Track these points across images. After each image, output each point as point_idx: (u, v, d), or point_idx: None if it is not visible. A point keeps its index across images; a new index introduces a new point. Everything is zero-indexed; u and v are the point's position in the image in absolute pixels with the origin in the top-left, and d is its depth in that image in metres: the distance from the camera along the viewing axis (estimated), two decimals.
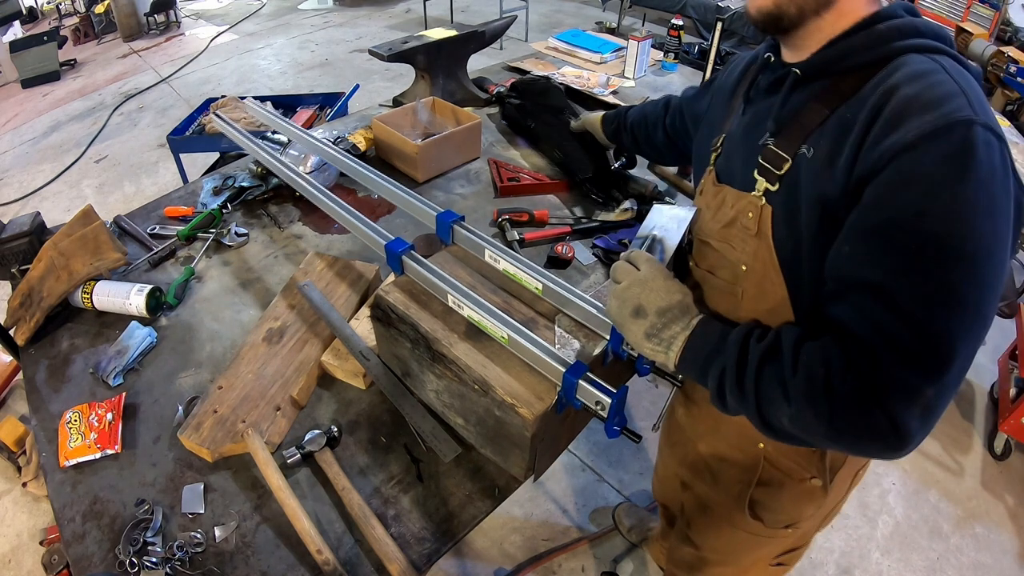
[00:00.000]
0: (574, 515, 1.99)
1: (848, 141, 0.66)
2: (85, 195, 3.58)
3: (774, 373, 0.67)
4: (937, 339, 0.59)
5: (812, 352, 0.65)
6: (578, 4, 6.73)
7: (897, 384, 0.60)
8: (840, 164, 0.66)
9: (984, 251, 0.59)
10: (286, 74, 5.09)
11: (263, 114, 1.67)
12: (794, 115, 0.73)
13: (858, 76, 0.69)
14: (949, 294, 0.59)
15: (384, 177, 1.20)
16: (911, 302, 0.60)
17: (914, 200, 0.60)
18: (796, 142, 0.72)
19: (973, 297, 0.60)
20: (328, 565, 0.83)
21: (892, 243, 0.61)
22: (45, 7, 6.74)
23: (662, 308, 0.75)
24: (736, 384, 0.69)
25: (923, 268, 0.60)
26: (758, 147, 0.76)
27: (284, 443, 1.01)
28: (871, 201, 0.63)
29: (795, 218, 0.72)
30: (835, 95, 0.70)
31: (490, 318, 0.87)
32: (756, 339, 0.70)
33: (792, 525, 1.01)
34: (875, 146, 0.62)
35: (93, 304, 1.22)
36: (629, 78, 2.27)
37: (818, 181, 0.68)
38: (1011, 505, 2.07)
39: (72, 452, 0.97)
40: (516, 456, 0.90)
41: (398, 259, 0.99)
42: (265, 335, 1.14)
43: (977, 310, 0.60)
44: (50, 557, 1.75)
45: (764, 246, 0.76)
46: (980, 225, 0.59)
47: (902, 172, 0.60)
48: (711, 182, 0.87)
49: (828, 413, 0.63)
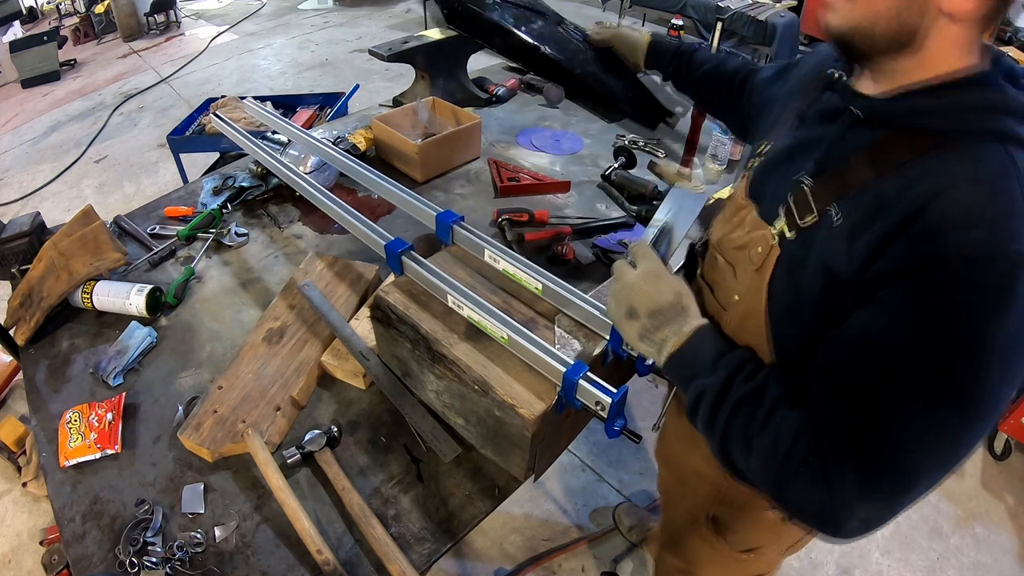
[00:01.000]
0: (574, 515, 1.99)
1: (877, 225, 0.58)
2: (85, 195, 3.58)
3: (746, 420, 0.65)
4: (904, 468, 0.57)
5: (786, 420, 0.62)
6: (578, 4, 6.72)
7: (851, 491, 0.58)
8: (861, 245, 0.60)
9: (984, 398, 0.55)
10: (286, 74, 5.09)
11: (263, 114, 1.67)
12: (840, 162, 0.66)
13: (921, 142, 0.60)
14: (933, 430, 0.56)
15: (384, 177, 1.20)
16: (892, 424, 0.57)
17: (931, 326, 0.54)
18: (829, 198, 0.65)
19: (957, 437, 0.56)
20: (328, 565, 0.83)
21: (895, 360, 0.57)
22: (45, 7, 6.74)
23: (653, 310, 0.73)
24: (710, 412, 0.68)
25: (914, 395, 0.56)
26: (792, 182, 0.70)
27: (284, 443, 1.01)
28: (884, 307, 0.57)
29: (799, 274, 0.68)
30: (888, 156, 0.61)
31: (490, 318, 0.87)
32: (744, 378, 0.67)
33: (753, 550, 1.01)
34: (908, 247, 0.56)
35: (93, 304, 1.22)
36: None
37: (834, 252, 0.63)
38: (1011, 505, 2.07)
39: (72, 452, 0.97)
40: (516, 456, 0.90)
41: (398, 259, 0.99)
42: (265, 335, 1.14)
43: (954, 450, 0.57)
44: (50, 557, 1.75)
45: (759, 286, 0.73)
46: (991, 374, 0.54)
47: (928, 290, 0.54)
48: (743, 191, 0.82)
49: (780, 482, 0.62)
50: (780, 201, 0.71)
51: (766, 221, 0.73)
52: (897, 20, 0.59)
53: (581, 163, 1.78)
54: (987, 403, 0.55)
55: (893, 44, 0.61)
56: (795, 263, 0.68)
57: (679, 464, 1.09)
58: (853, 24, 0.62)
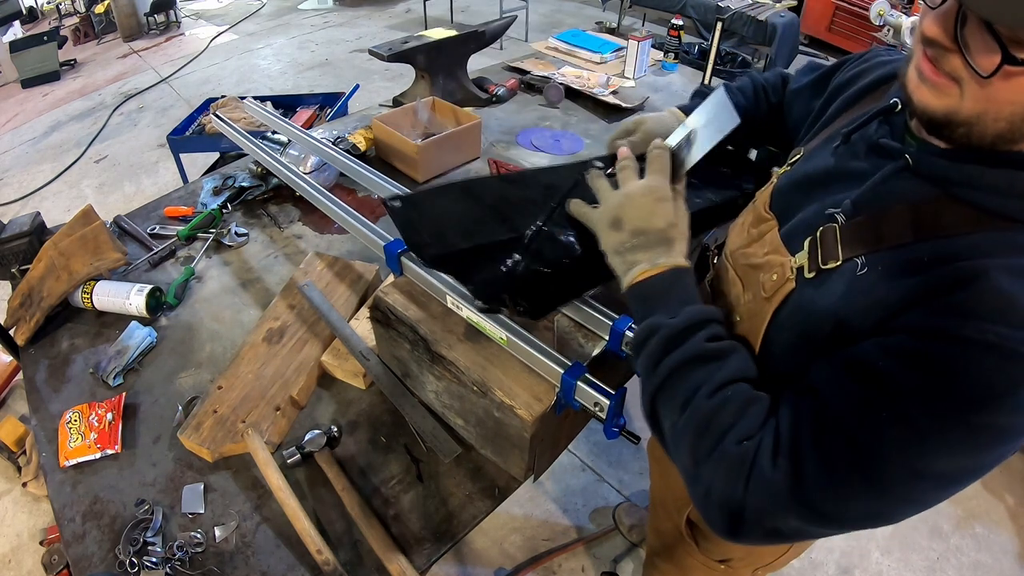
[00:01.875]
0: (574, 515, 1.99)
1: (903, 287, 0.55)
2: (85, 195, 3.58)
3: (693, 380, 0.61)
4: (837, 497, 0.54)
5: (737, 397, 0.60)
6: (578, 4, 6.73)
7: (770, 494, 0.55)
8: (880, 305, 0.56)
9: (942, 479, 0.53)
10: (286, 74, 5.09)
11: (263, 114, 1.67)
12: (878, 209, 0.60)
13: (971, 218, 0.54)
14: (882, 477, 0.53)
15: (383, 177, 1.20)
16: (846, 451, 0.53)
17: (927, 389, 0.51)
18: (859, 246, 0.60)
19: (898, 496, 0.53)
20: (328, 565, 0.83)
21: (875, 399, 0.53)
22: (45, 7, 6.74)
23: (638, 228, 0.69)
24: (658, 353, 0.64)
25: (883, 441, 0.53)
26: (824, 215, 0.64)
27: (284, 443, 1.01)
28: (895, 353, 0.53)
29: (807, 316, 0.64)
30: (933, 220, 0.56)
31: (488, 319, 0.87)
32: (706, 336, 0.63)
33: (724, 562, 1.00)
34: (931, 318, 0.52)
35: (93, 304, 1.22)
36: (629, 78, 2.27)
37: (850, 302, 0.59)
38: (1011, 505, 2.07)
39: (72, 452, 0.97)
40: (515, 456, 0.90)
41: (397, 260, 0.99)
42: (265, 335, 1.14)
43: (891, 510, 0.54)
44: (50, 557, 1.76)
45: (763, 314, 0.69)
46: (958, 460, 0.52)
47: (939, 359, 0.51)
48: (764, 203, 0.76)
49: (700, 457, 0.59)
50: (807, 232, 0.65)
51: (787, 247, 0.68)
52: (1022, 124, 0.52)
53: None
54: (941, 483, 0.53)
55: (1000, 143, 0.53)
56: (806, 304, 0.64)
57: (664, 458, 1.08)
58: (963, 117, 0.53)
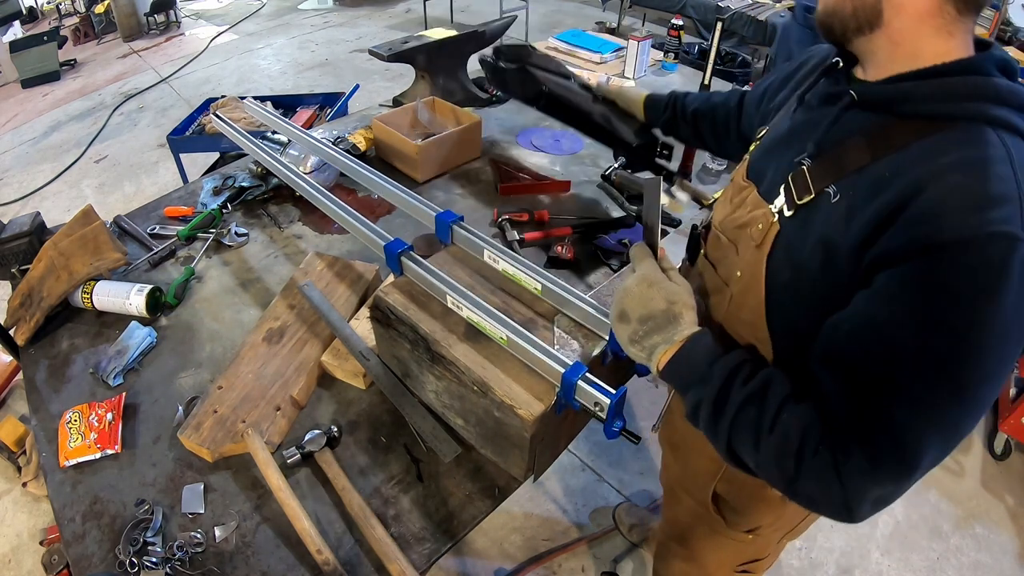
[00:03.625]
0: (574, 515, 1.99)
1: (873, 206, 0.60)
2: (85, 195, 3.58)
3: (751, 423, 0.66)
4: (910, 447, 0.58)
5: (793, 415, 0.64)
6: (578, 4, 6.73)
7: (862, 475, 0.60)
8: (858, 225, 0.62)
9: (983, 377, 0.57)
10: (286, 74, 5.09)
11: (263, 114, 1.67)
12: (837, 144, 0.68)
13: (916, 129, 0.61)
14: (935, 410, 0.58)
15: (384, 177, 1.20)
16: (895, 406, 0.59)
17: (927, 309, 0.56)
18: (828, 178, 0.67)
19: (957, 416, 0.58)
20: (328, 565, 0.83)
21: (893, 344, 0.58)
22: (45, 7, 6.74)
23: (643, 316, 0.73)
24: (712, 418, 0.69)
25: (917, 379, 0.57)
26: (792, 163, 0.72)
27: (284, 443, 1.01)
28: (883, 293, 0.59)
29: (799, 251, 0.69)
30: (884, 141, 0.63)
31: (489, 319, 0.87)
32: (743, 380, 0.68)
33: (752, 531, 1.01)
34: (904, 231, 0.57)
35: (93, 304, 1.22)
36: (629, 78, 2.27)
37: (832, 230, 0.65)
38: (1011, 505, 2.07)
39: (72, 452, 0.97)
40: (516, 456, 0.90)
41: (397, 260, 0.99)
42: (265, 335, 1.14)
43: (957, 427, 0.59)
44: (50, 557, 1.75)
45: (758, 261, 0.75)
46: (988, 353, 0.56)
47: (923, 274, 0.56)
48: (742, 175, 0.84)
49: (793, 474, 0.63)
50: (780, 181, 0.73)
51: (766, 200, 0.76)
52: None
53: (581, 163, 1.78)
54: (984, 383, 0.57)
55: (863, 24, 0.64)
56: (793, 240, 0.70)
57: (682, 444, 1.09)
58: (829, 9, 0.67)
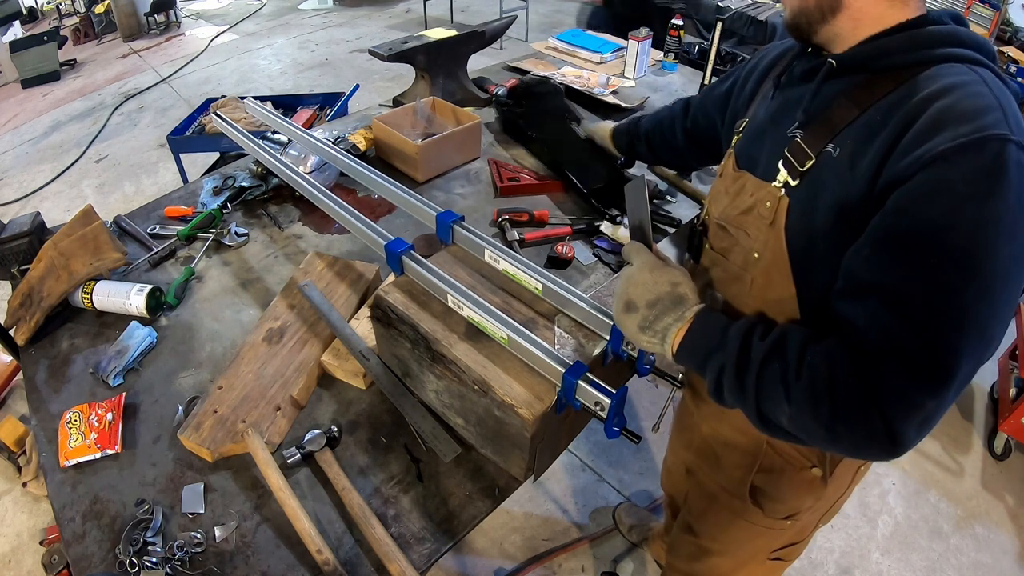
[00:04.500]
0: (574, 515, 1.99)
1: (874, 146, 0.65)
2: (85, 195, 3.58)
3: (777, 373, 0.66)
4: (943, 354, 0.59)
5: (817, 354, 0.64)
6: (578, 4, 6.73)
7: (900, 394, 0.60)
8: (863, 168, 0.65)
9: (1002, 273, 0.59)
10: (286, 74, 5.09)
11: (263, 114, 1.67)
12: (824, 109, 0.72)
13: (893, 78, 0.68)
14: (961, 311, 0.59)
15: (384, 177, 1.20)
16: (923, 313, 0.60)
17: (939, 213, 0.59)
18: (823, 139, 0.71)
19: (984, 316, 0.59)
20: (328, 565, 0.83)
21: (911, 253, 0.60)
22: (45, 7, 6.74)
23: (650, 300, 0.75)
24: (736, 381, 0.69)
25: (939, 281, 0.59)
26: (786, 137, 0.75)
27: (284, 443, 1.01)
28: (895, 208, 0.62)
29: (812, 215, 0.71)
30: (867, 94, 0.69)
31: (490, 318, 0.87)
32: (759, 336, 0.69)
33: (791, 517, 1.01)
34: (904, 155, 0.61)
35: (93, 304, 1.22)
36: (629, 78, 2.27)
37: (840, 182, 0.68)
38: (1011, 505, 2.07)
39: (72, 452, 0.97)
40: (516, 456, 0.90)
41: (398, 259, 0.99)
42: (265, 335, 1.14)
43: (985, 330, 0.60)
44: (50, 557, 1.76)
45: (776, 237, 0.76)
46: (1002, 246, 0.58)
47: (930, 183, 0.59)
48: (731, 167, 0.86)
49: (829, 416, 0.63)
50: (778, 157, 0.75)
51: (767, 180, 0.77)
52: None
53: None
54: (1008, 275, 0.59)
55: (827, 11, 0.71)
56: (806, 209, 0.72)
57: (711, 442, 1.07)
58: (795, 11, 0.74)
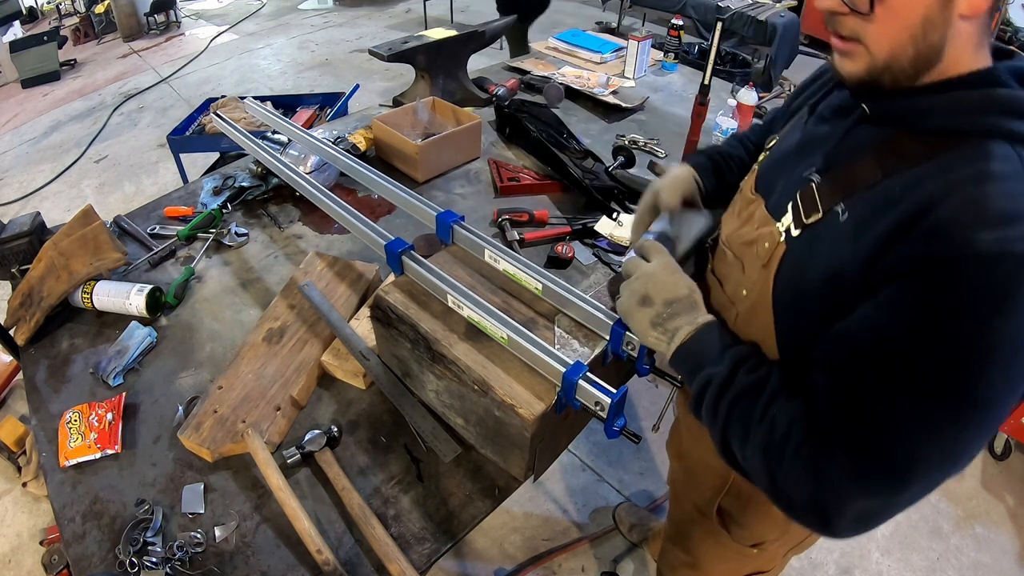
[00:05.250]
0: (574, 515, 1.99)
1: (884, 221, 0.58)
2: (85, 195, 3.58)
3: (746, 410, 0.66)
4: (900, 461, 0.55)
5: (783, 411, 0.63)
6: (578, 4, 6.73)
7: (839, 486, 0.57)
8: (866, 242, 0.59)
9: (982, 401, 0.54)
10: (286, 74, 5.09)
11: (263, 113, 1.67)
12: (847, 160, 0.66)
13: (927, 143, 0.59)
14: (929, 427, 0.55)
15: (384, 177, 1.20)
16: (887, 419, 0.56)
17: (934, 323, 0.54)
18: (836, 195, 0.65)
19: (953, 439, 0.55)
20: (328, 565, 0.83)
21: (893, 357, 0.56)
22: (45, 7, 6.73)
23: (669, 299, 0.75)
24: (714, 401, 0.69)
25: (914, 395, 0.55)
26: (801, 178, 0.70)
27: (284, 443, 1.01)
28: (889, 301, 0.56)
29: (804, 273, 0.68)
30: (897, 157, 0.61)
31: (490, 318, 0.87)
32: (747, 369, 0.68)
33: (757, 545, 1.01)
34: (913, 245, 0.55)
35: (93, 304, 1.22)
36: (629, 78, 2.27)
37: (838, 251, 0.63)
38: (1011, 505, 2.07)
39: (72, 452, 0.97)
40: (516, 456, 0.90)
41: (398, 259, 0.99)
42: (265, 335, 1.14)
43: (954, 453, 0.56)
44: (50, 557, 1.75)
45: (765, 281, 0.73)
46: (991, 374, 0.53)
47: (931, 287, 0.53)
48: (750, 186, 0.82)
49: (773, 471, 0.63)
50: (788, 197, 0.71)
51: (774, 217, 0.74)
52: (924, 41, 0.57)
53: None
54: (988, 406, 0.54)
55: (922, 68, 0.59)
56: (800, 261, 0.69)
57: (688, 456, 1.10)
58: (879, 64, 0.60)
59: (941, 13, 0.55)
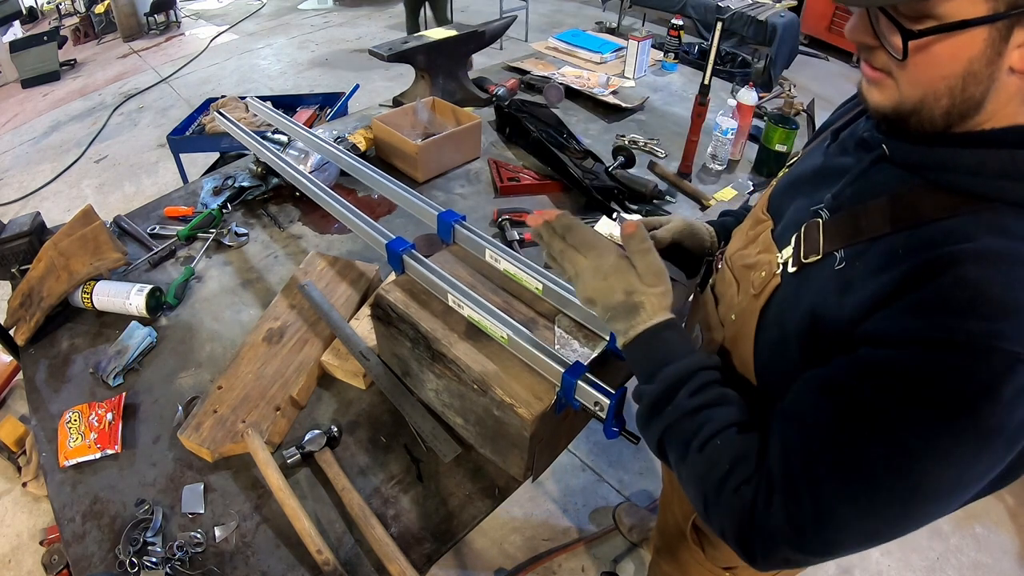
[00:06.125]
0: (574, 515, 1.99)
1: (875, 283, 0.54)
2: (85, 195, 3.58)
3: (686, 436, 0.63)
4: (831, 533, 0.53)
5: (729, 443, 0.61)
6: (578, 4, 6.73)
7: (774, 532, 0.56)
8: (852, 301, 0.56)
9: (931, 496, 0.51)
10: (286, 74, 5.09)
11: (266, 112, 1.67)
12: (860, 201, 0.61)
13: (943, 201, 0.54)
14: (871, 504, 0.52)
15: (386, 176, 1.20)
16: (835, 485, 0.53)
17: (901, 398, 0.50)
18: (839, 240, 0.60)
19: (891, 517, 0.52)
20: (328, 565, 0.83)
21: (854, 419, 0.53)
22: (45, 7, 6.73)
23: (605, 305, 0.72)
24: (645, 417, 0.68)
25: (863, 468, 0.51)
26: (810, 212, 0.66)
27: (284, 443, 1.01)
28: (862, 366, 0.53)
29: (789, 311, 0.65)
30: (907, 211, 0.56)
31: (490, 318, 0.87)
32: (689, 392, 0.64)
33: (730, 569, 1.00)
34: (900, 317, 0.51)
35: (93, 304, 1.22)
36: (629, 78, 2.27)
37: (825, 299, 0.59)
38: (1011, 505, 2.07)
39: (72, 452, 0.97)
40: (515, 456, 0.90)
41: (399, 258, 0.99)
42: (265, 335, 1.14)
43: (890, 530, 0.53)
44: (50, 557, 1.75)
45: (752, 312, 0.71)
46: (945, 472, 0.49)
47: (908, 364, 0.50)
48: (762, 207, 0.79)
49: (708, 502, 0.61)
50: (795, 229, 0.67)
51: (777, 245, 0.71)
52: (962, 95, 0.52)
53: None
54: (936, 500, 0.52)
55: (955, 121, 0.54)
56: (789, 300, 0.65)
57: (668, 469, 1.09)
58: (907, 106, 0.55)
59: (987, 68, 0.50)
